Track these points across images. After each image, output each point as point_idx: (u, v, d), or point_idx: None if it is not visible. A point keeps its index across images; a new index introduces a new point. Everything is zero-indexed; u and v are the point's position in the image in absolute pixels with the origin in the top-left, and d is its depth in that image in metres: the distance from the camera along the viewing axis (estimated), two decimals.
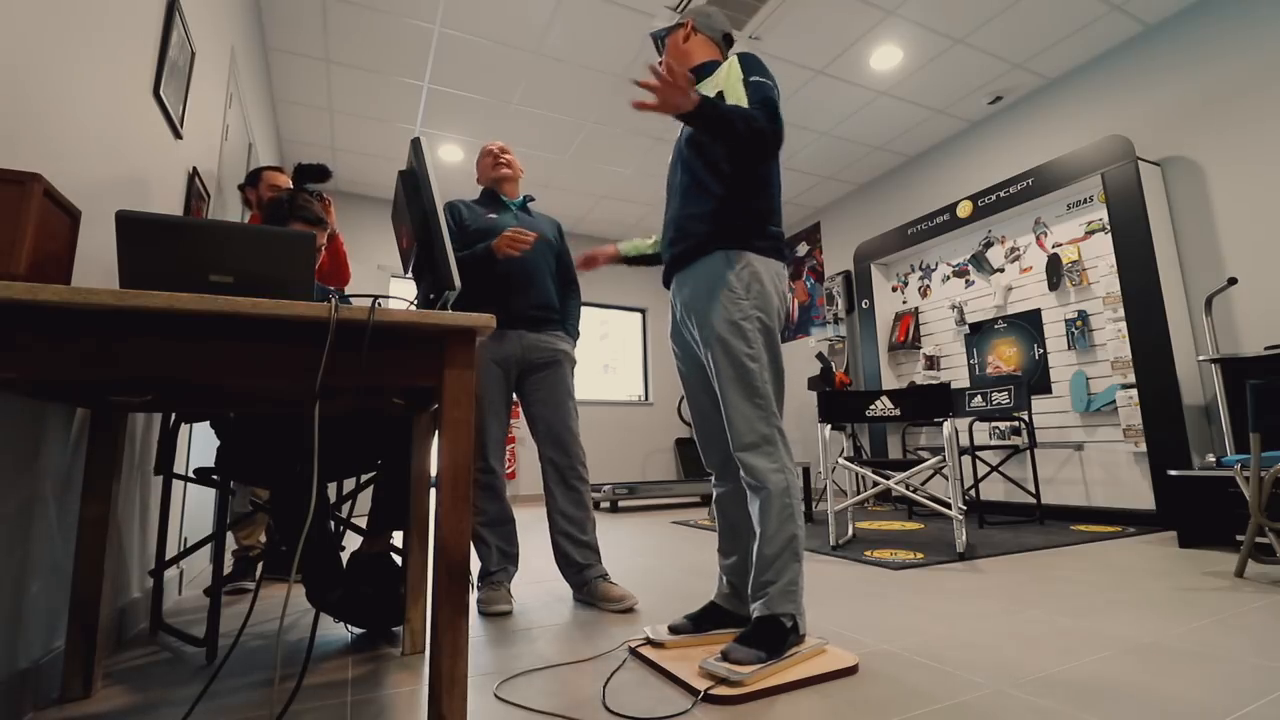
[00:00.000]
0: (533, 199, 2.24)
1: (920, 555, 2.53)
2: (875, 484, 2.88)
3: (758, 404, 1.37)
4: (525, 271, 2.04)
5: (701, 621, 1.50)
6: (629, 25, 3.47)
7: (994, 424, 3.96)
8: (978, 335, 4.33)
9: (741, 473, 1.40)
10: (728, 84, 1.44)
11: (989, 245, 4.30)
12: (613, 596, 1.86)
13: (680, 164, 1.55)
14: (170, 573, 2.05)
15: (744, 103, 1.39)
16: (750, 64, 1.45)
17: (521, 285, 2.04)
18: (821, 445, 2.85)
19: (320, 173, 2.24)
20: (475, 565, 2.25)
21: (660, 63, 1.65)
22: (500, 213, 2.11)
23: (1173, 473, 2.74)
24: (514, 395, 2.08)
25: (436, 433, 1.12)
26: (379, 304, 1.00)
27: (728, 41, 1.67)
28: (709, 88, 1.49)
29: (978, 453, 3.78)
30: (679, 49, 1.63)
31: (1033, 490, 3.64)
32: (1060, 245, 3.85)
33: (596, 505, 5.02)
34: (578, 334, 2.20)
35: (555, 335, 2.09)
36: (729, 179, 1.45)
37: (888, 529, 3.35)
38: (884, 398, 2.80)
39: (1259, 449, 1.98)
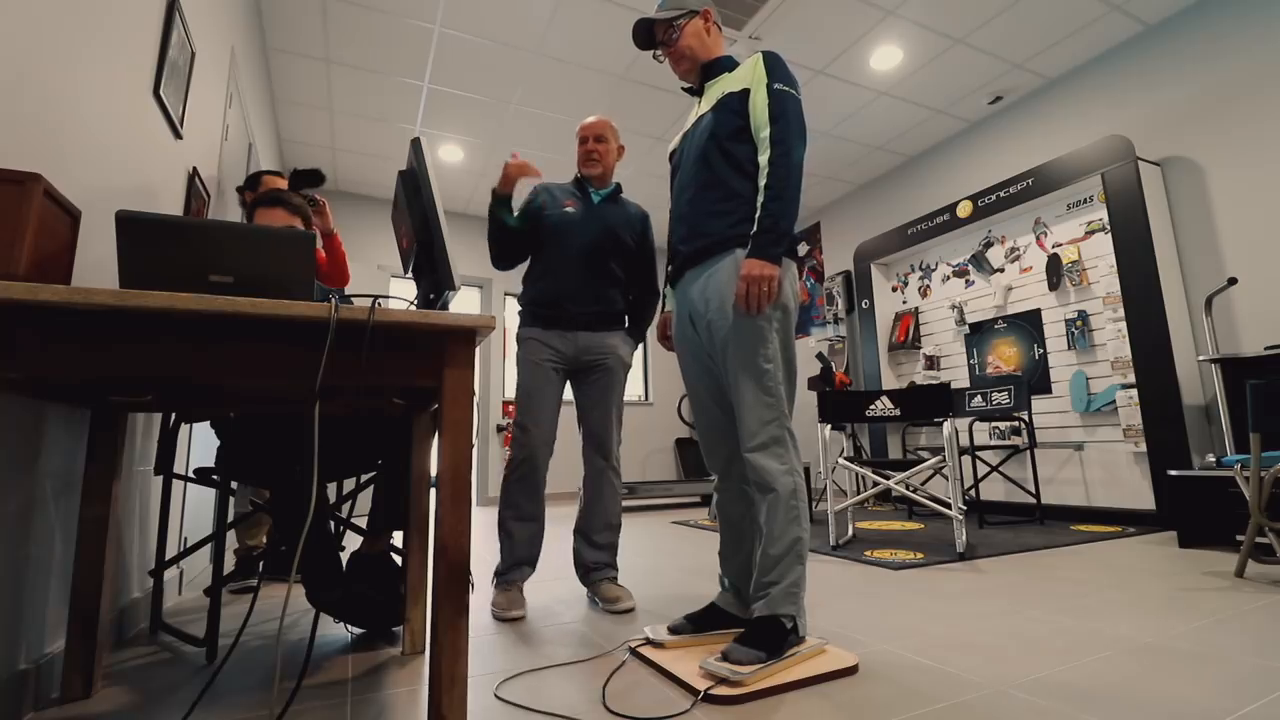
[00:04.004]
0: (620, 190, 2.15)
1: (920, 555, 2.53)
2: (875, 484, 2.88)
3: (770, 404, 1.37)
4: (585, 276, 2.00)
5: (701, 623, 1.49)
6: (629, 25, 3.46)
7: (994, 424, 3.96)
8: (978, 335, 4.33)
9: (750, 473, 1.39)
10: (753, 83, 1.44)
11: (989, 245, 4.30)
12: (609, 596, 1.87)
13: (700, 159, 1.49)
14: (170, 573, 2.04)
15: (764, 106, 1.40)
16: (775, 67, 1.44)
17: (579, 289, 2.00)
18: (821, 445, 2.85)
19: (314, 177, 2.26)
20: (491, 561, 2.25)
21: (662, 53, 1.62)
22: (580, 203, 2.06)
23: (1173, 473, 2.74)
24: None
25: (437, 433, 1.12)
26: (379, 304, 1.00)
27: None
28: (734, 84, 1.48)
29: (978, 453, 3.77)
30: (704, 39, 1.58)
31: (1033, 490, 3.63)
32: (1060, 245, 3.85)
33: None
34: (643, 337, 2.16)
35: (611, 335, 2.05)
36: (754, 178, 1.43)
37: (888, 529, 3.35)
38: (884, 398, 2.80)
39: (1259, 449, 1.98)
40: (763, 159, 1.40)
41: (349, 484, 3.05)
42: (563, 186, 2.12)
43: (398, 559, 1.68)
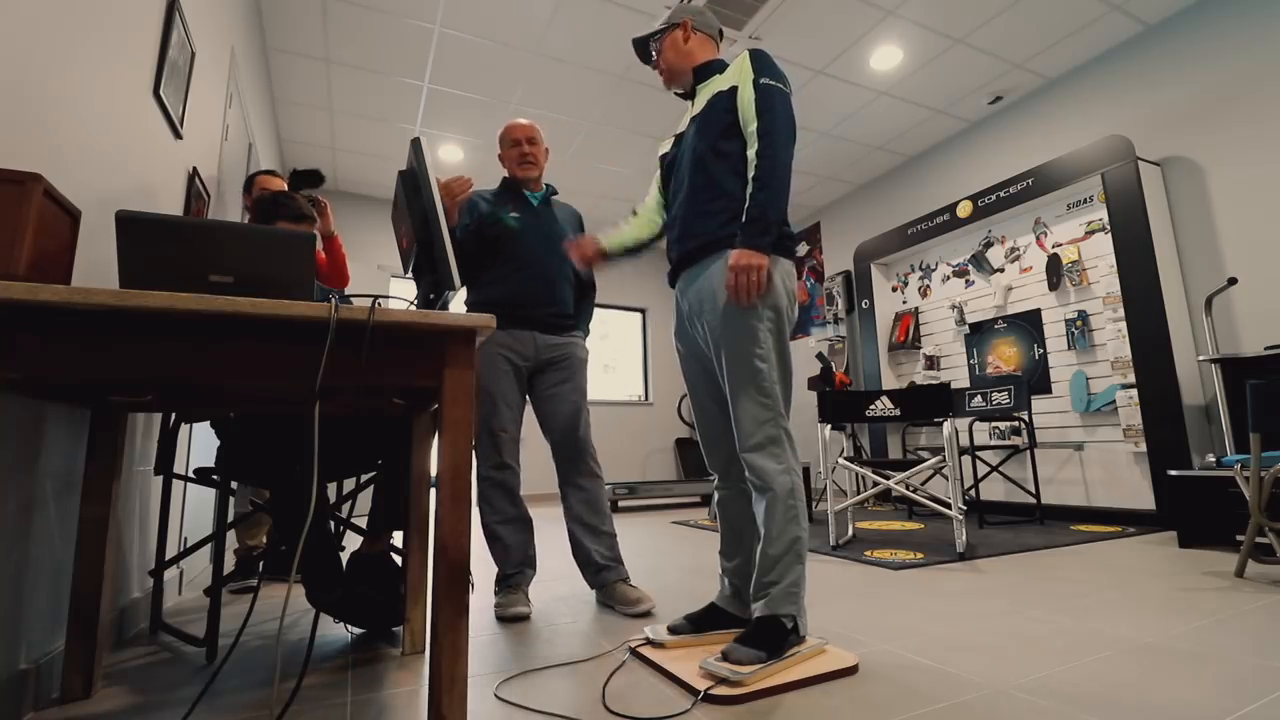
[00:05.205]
0: (555, 192, 2.16)
1: (920, 555, 2.53)
2: (875, 484, 2.88)
3: (765, 404, 1.37)
4: (545, 278, 2.01)
5: (701, 623, 1.49)
6: (629, 25, 3.46)
7: (994, 424, 3.96)
8: (978, 335, 4.33)
9: (747, 473, 1.39)
10: (740, 79, 1.45)
11: (989, 245, 4.30)
12: (629, 598, 1.82)
13: (695, 162, 1.51)
14: (170, 573, 2.04)
15: (751, 101, 1.41)
16: (762, 63, 1.44)
17: (540, 291, 2.00)
18: (821, 445, 2.85)
19: (314, 178, 2.26)
20: (493, 569, 2.24)
21: (657, 65, 1.65)
22: (522, 209, 2.04)
23: (1173, 473, 2.74)
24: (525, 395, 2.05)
25: (437, 433, 1.12)
26: (379, 304, 1.00)
27: (720, 37, 1.68)
28: (722, 84, 1.49)
29: (978, 453, 3.78)
30: (680, 49, 1.60)
31: (1033, 490, 3.64)
32: (1060, 245, 3.85)
33: None
34: (588, 332, 2.18)
35: (570, 337, 2.07)
36: (744, 174, 1.44)
37: (888, 529, 3.35)
38: (884, 398, 2.80)
39: (1259, 449, 1.98)
40: (751, 152, 1.40)
41: (349, 484, 3.05)
42: (494, 192, 2.08)
43: (398, 559, 1.68)
